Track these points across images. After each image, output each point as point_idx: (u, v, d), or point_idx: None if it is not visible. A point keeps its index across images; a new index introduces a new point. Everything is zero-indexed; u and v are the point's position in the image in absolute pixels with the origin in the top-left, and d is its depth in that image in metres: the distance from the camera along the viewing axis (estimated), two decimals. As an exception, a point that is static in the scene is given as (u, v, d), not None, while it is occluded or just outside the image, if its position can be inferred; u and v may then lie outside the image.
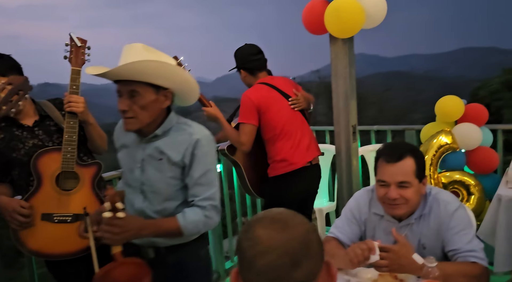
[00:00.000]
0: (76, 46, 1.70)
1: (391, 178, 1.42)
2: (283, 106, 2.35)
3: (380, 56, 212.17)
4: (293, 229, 0.72)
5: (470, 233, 1.44)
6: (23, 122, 1.68)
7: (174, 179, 1.38)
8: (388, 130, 3.33)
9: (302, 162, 2.34)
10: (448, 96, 2.73)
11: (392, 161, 1.42)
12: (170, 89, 1.35)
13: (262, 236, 0.71)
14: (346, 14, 2.05)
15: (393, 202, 1.43)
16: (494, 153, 2.71)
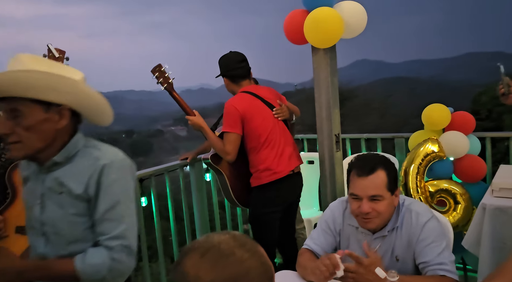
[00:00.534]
0: (54, 57, 1.72)
1: (363, 192, 1.41)
2: (267, 116, 2.36)
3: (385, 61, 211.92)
4: (224, 268, 0.66)
5: (441, 245, 1.43)
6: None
7: (78, 216, 1.14)
8: (378, 138, 3.32)
9: (286, 171, 2.34)
10: (434, 104, 2.73)
11: (363, 175, 1.42)
12: (66, 106, 1.12)
13: (189, 272, 0.66)
14: (324, 24, 2.06)
15: (366, 216, 1.43)
16: (482, 162, 2.68)
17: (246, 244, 0.71)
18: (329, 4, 2.13)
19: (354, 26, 2.15)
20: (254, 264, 0.69)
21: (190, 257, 0.68)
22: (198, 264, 0.67)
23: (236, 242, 0.70)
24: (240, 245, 0.70)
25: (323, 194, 2.45)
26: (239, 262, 0.67)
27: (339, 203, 1.65)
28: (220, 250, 0.68)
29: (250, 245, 0.71)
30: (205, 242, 0.70)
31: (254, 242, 0.74)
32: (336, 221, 1.60)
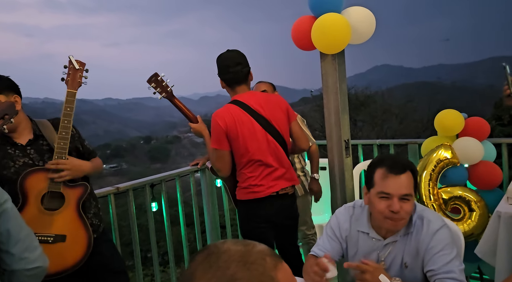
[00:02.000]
0: (74, 68, 1.76)
1: (396, 190, 1.37)
2: (253, 132, 2.12)
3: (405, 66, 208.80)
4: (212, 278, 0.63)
5: (451, 254, 1.40)
6: (17, 141, 1.74)
7: None
8: (391, 144, 3.28)
9: (267, 192, 2.17)
10: (447, 110, 2.68)
11: (397, 173, 1.38)
12: None
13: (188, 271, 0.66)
14: (332, 30, 2.06)
15: (396, 216, 1.38)
16: (497, 168, 2.61)
17: (253, 264, 0.64)
18: (337, 10, 2.13)
19: (362, 32, 2.14)
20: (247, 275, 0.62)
21: (200, 255, 0.68)
22: (199, 262, 0.66)
23: (241, 256, 0.65)
24: (244, 262, 0.64)
25: (332, 200, 2.43)
26: (227, 280, 0.62)
27: (344, 209, 1.64)
28: (219, 259, 0.65)
29: (258, 264, 0.64)
30: (215, 246, 0.68)
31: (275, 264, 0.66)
32: (342, 227, 1.59)
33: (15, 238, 1.20)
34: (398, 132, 14.64)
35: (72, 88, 1.75)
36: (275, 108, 2.20)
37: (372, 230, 1.52)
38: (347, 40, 2.09)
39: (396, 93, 23.85)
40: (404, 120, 15.69)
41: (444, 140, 2.67)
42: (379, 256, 1.50)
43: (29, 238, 1.25)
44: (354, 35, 2.12)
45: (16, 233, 1.20)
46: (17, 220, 1.24)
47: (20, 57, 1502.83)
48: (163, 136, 74.07)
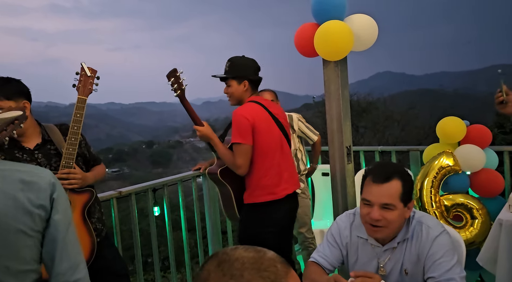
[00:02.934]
0: (86, 75, 1.77)
1: (376, 199, 1.40)
2: (274, 131, 2.22)
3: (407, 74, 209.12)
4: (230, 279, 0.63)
5: (451, 261, 1.40)
6: (25, 145, 1.74)
7: None
8: (393, 150, 3.29)
9: (283, 193, 2.20)
10: (449, 117, 2.69)
11: (379, 182, 1.40)
12: None
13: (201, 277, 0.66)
14: (334, 37, 2.08)
15: (375, 223, 1.41)
16: (499, 176, 2.61)
17: (265, 271, 0.65)
18: (340, 17, 2.15)
19: (364, 39, 2.15)
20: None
21: (210, 262, 0.68)
22: (211, 270, 0.66)
23: (254, 264, 0.65)
24: (257, 269, 0.65)
25: (334, 206, 2.43)
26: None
27: (345, 217, 1.64)
28: (232, 266, 0.65)
29: (270, 272, 0.65)
30: (227, 253, 0.68)
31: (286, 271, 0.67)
32: (342, 234, 1.59)
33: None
34: (400, 139, 14.63)
35: (83, 94, 1.76)
36: (280, 114, 2.36)
37: (371, 236, 1.52)
38: (350, 47, 2.11)
39: (398, 100, 23.86)
40: (406, 127, 15.70)
41: (446, 147, 2.67)
42: (379, 262, 1.50)
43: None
44: (357, 43, 2.14)
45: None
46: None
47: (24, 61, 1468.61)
48: (165, 141, 74.12)
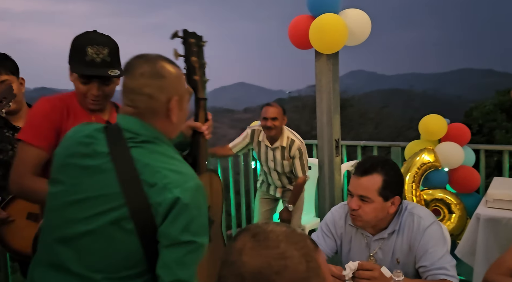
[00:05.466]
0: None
1: (354, 190, 1.47)
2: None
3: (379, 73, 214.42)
4: (259, 255, 0.66)
5: (442, 250, 1.45)
6: (15, 124, 1.73)
7: None
8: (375, 146, 3.36)
9: None
10: (431, 115, 2.77)
11: (357, 174, 1.47)
12: None
13: (234, 248, 0.68)
14: (330, 30, 2.10)
15: (352, 212, 1.48)
16: (476, 173, 2.73)
17: (298, 244, 0.68)
18: (334, 11, 2.17)
19: (358, 34, 2.18)
20: (296, 265, 0.66)
21: (243, 234, 0.70)
22: (245, 241, 0.68)
23: (287, 237, 0.68)
24: (290, 242, 0.67)
25: (321, 199, 2.46)
26: (278, 258, 0.65)
27: (340, 207, 1.67)
28: (267, 237, 0.68)
29: (303, 246, 0.68)
30: (259, 227, 0.71)
31: (315, 247, 0.71)
32: (337, 224, 1.62)
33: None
34: (373, 136, 15.02)
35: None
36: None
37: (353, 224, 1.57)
38: (344, 41, 2.13)
39: (371, 98, 24.46)
40: (379, 125, 16.13)
41: (427, 144, 2.76)
42: (370, 251, 1.54)
43: None
44: (351, 37, 2.16)
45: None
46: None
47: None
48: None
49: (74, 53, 1.37)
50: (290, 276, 0.64)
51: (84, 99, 1.42)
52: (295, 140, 2.78)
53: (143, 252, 1.01)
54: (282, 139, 2.79)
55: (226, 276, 0.67)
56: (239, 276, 0.65)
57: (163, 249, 0.99)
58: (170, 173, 1.01)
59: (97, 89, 1.40)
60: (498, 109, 9.99)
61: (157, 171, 1.00)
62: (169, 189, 0.98)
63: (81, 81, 1.39)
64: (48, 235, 1.07)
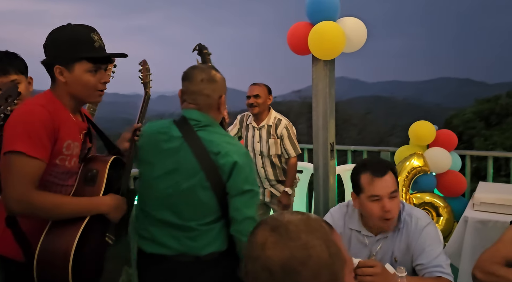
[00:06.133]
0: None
1: (385, 191, 1.46)
2: None
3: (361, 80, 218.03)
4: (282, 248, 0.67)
5: (438, 249, 1.51)
6: None
7: None
8: (364, 150, 3.45)
9: None
10: (421, 121, 2.88)
11: (379, 176, 1.48)
12: None
13: (256, 242, 0.70)
14: (328, 37, 2.16)
15: (388, 215, 1.47)
16: (463, 178, 2.84)
17: (317, 231, 0.70)
18: (332, 18, 2.23)
19: (355, 41, 2.26)
20: (319, 253, 0.68)
21: (262, 228, 0.71)
22: (266, 236, 0.70)
23: (306, 226, 0.69)
24: (310, 230, 0.69)
25: (315, 201, 2.52)
26: (302, 248, 0.67)
27: (339, 208, 1.72)
28: (288, 230, 0.69)
29: (322, 233, 0.70)
30: (276, 219, 0.72)
31: (330, 228, 0.73)
32: (336, 224, 1.66)
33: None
34: (357, 142, 15.27)
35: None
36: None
37: (364, 228, 1.60)
38: (342, 48, 2.20)
39: (354, 104, 24.83)
40: (363, 131, 16.40)
41: (416, 149, 2.86)
42: (371, 251, 1.59)
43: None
44: (348, 44, 2.23)
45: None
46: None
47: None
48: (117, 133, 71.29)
49: (79, 44, 1.30)
50: (315, 264, 0.67)
51: (93, 92, 1.36)
52: (282, 119, 2.87)
53: (218, 203, 1.46)
54: (269, 119, 2.87)
55: (254, 271, 0.69)
56: (267, 270, 0.67)
57: (232, 198, 1.44)
58: (227, 144, 1.46)
59: (107, 76, 1.38)
60: (477, 117, 10.31)
61: (218, 144, 1.45)
62: (229, 155, 1.43)
63: (92, 70, 1.33)
64: (147, 204, 1.52)
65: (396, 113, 20.86)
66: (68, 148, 1.33)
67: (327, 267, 0.68)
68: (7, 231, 1.31)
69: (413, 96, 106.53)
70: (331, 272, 0.68)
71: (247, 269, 0.71)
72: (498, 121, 10.35)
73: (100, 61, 1.35)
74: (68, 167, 1.34)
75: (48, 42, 1.33)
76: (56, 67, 1.32)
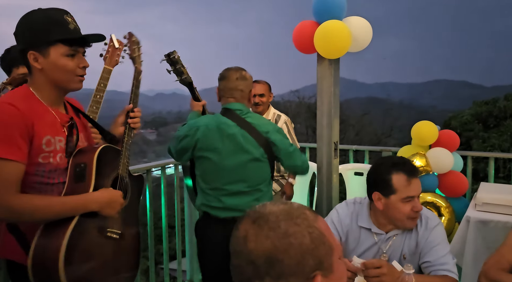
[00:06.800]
0: (114, 47, 1.76)
1: (418, 191, 1.51)
2: None
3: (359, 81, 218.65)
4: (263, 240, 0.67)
5: (446, 248, 1.54)
6: None
7: None
8: (366, 150, 3.46)
9: None
10: (423, 121, 2.89)
11: (415, 176, 1.51)
12: None
13: (238, 236, 0.69)
14: (334, 36, 2.17)
15: (418, 215, 1.52)
16: (464, 178, 2.86)
17: (297, 218, 0.69)
18: (339, 18, 2.24)
19: (360, 40, 2.26)
20: (300, 240, 0.67)
21: (244, 221, 0.71)
22: (248, 228, 0.69)
23: (286, 215, 0.69)
24: (289, 218, 0.69)
25: (318, 200, 2.52)
26: (282, 237, 0.67)
27: (346, 205, 1.72)
28: (268, 221, 0.69)
29: (302, 219, 0.69)
30: (258, 211, 0.72)
31: (314, 216, 0.72)
32: (343, 222, 1.67)
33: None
34: (355, 143, 15.31)
35: (109, 65, 1.77)
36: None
37: (374, 225, 1.61)
38: (348, 47, 2.20)
39: (351, 105, 24.93)
40: (360, 132, 16.46)
41: (418, 149, 2.87)
42: (381, 248, 1.60)
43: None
44: (354, 43, 2.24)
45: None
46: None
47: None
48: (115, 132, 70.48)
49: (53, 26, 1.21)
50: (297, 252, 0.66)
51: (72, 77, 1.26)
52: (282, 115, 2.93)
53: (270, 168, 1.99)
54: (268, 115, 2.90)
55: (239, 265, 0.68)
56: (251, 263, 0.67)
57: (286, 160, 2.01)
58: (269, 124, 2.00)
59: (84, 60, 1.29)
60: (475, 119, 10.39)
61: (264, 125, 1.96)
62: (276, 131, 1.98)
63: (69, 54, 1.24)
64: (217, 181, 1.93)
65: (393, 115, 20.99)
66: (49, 144, 1.25)
67: (310, 252, 0.67)
68: (10, 235, 1.28)
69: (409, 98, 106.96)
70: (315, 257, 0.67)
71: (233, 264, 0.70)
72: (496, 124, 10.43)
73: (77, 43, 1.25)
74: (54, 164, 1.26)
75: (19, 29, 1.23)
76: (29, 53, 1.22)
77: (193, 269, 2.89)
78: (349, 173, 3.24)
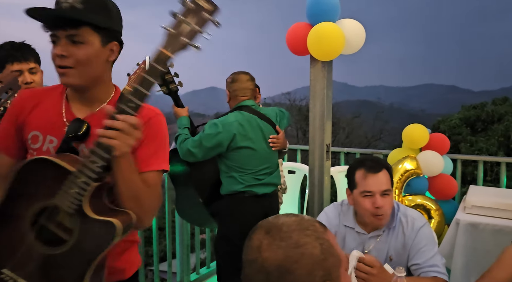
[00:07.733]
0: (144, 69, 1.72)
1: (377, 187, 1.49)
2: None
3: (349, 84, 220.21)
4: (276, 249, 0.69)
5: (433, 249, 1.54)
6: None
7: None
8: (357, 152, 3.48)
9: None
10: (414, 124, 2.91)
11: (373, 172, 1.51)
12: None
13: (252, 246, 0.71)
14: (327, 38, 2.17)
15: (379, 212, 1.49)
16: (454, 181, 2.89)
17: (308, 229, 0.72)
18: (332, 20, 2.24)
19: (353, 43, 2.27)
20: (311, 250, 0.69)
21: (257, 232, 0.73)
22: (261, 238, 0.71)
23: (298, 225, 0.72)
24: (301, 229, 0.71)
25: (309, 201, 2.52)
26: (294, 247, 0.69)
27: (333, 207, 1.73)
28: (281, 231, 0.71)
29: (313, 230, 0.72)
30: (271, 222, 0.74)
31: (323, 228, 0.75)
32: (331, 223, 1.67)
33: None
34: (344, 145, 15.42)
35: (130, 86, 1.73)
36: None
37: (357, 225, 1.62)
38: (341, 49, 2.21)
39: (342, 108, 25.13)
40: (350, 135, 16.58)
41: (409, 152, 2.89)
42: (364, 248, 1.61)
43: None
44: (347, 45, 2.24)
45: None
46: None
47: None
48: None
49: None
50: (308, 262, 0.68)
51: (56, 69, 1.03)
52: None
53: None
54: None
55: (251, 274, 0.70)
56: (263, 272, 0.68)
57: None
58: (279, 111, 2.51)
59: (61, 48, 0.99)
60: (463, 123, 10.54)
61: (273, 113, 2.43)
62: (287, 116, 2.56)
63: (52, 41, 1.01)
64: (249, 165, 2.27)
65: (383, 118, 21.23)
66: (35, 141, 1.06)
67: (320, 264, 0.69)
68: None
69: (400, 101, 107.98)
70: (324, 268, 0.69)
71: (245, 273, 0.72)
72: (484, 128, 10.59)
73: (50, 26, 1.01)
74: None
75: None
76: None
77: (183, 271, 2.87)
78: (340, 176, 3.25)
